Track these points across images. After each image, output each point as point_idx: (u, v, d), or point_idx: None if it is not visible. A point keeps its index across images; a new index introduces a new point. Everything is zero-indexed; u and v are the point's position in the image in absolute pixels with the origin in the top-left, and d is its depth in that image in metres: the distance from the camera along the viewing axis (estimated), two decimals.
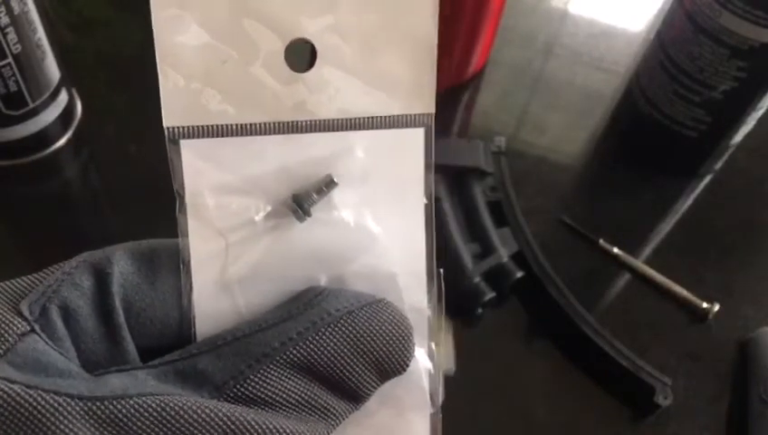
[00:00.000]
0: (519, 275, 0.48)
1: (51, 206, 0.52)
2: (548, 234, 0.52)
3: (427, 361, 0.21)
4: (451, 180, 0.51)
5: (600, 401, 0.47)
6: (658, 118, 0.56)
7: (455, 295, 0.47)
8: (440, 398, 0.21)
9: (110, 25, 0.64)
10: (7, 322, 0.17)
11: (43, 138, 0.52)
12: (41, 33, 0.47)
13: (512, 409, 0.47)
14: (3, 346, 0.17)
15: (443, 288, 0.21)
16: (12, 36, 0.45)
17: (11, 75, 0.46)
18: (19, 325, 0.17)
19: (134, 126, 0.56)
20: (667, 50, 0.53)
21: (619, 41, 0.68)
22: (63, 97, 0.52)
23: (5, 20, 0.44)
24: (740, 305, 0.52)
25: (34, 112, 0.50)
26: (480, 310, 0.48)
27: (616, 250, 0.52)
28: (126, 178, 0.53)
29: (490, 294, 0.47)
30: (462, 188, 0.51)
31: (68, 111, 0.53)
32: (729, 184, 0.59)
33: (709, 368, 0.49)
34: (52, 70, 0.50)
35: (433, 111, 0.20)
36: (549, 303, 0.48)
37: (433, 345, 0.21)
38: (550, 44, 0.67)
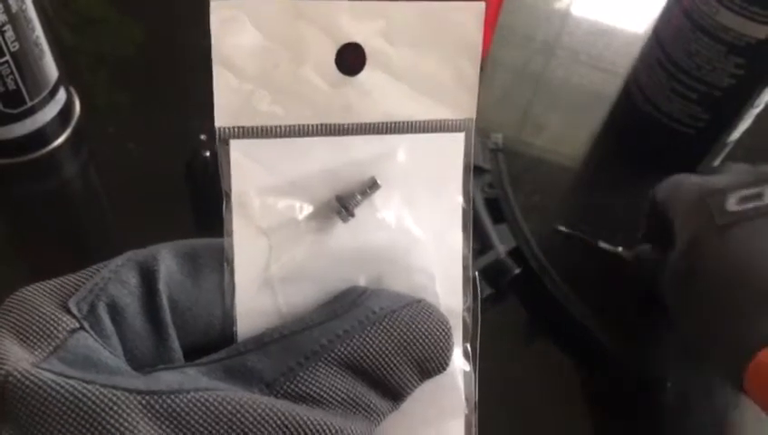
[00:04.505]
0: (517, 271, 0.48)
1: (49, 204, 0.52)
2: (546, 230, 0.52)
3: (462, 362, 0.21)
4: None
5: (599, 397, 0.47)
6: (656, 115, 0.56)
7: None
8: (474, 398, 0.21)
9: (110, 24, 0.64)
10: (57, 319, 0.17)
11: (42, 136, 0.52)
12: (39, 31, 0.48)
13: (509, 404, 0.46)
14: (53, 343, 0.17)
15: (479, 291, 0.21)
16: (10, 34, 0.45)
17: (9, 73, 0.46)
18: (68, 322, 0.17)
19: (133, 124, 0.57)
20: (665, 47, 0.53)
21: (619, 40, 0.68)
22: (62, 95, 0.52)
23: (3, 18, 0.44)
24: None
25: (32, 111, 0.50)
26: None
27: (620, 249, 0.51)
28: (124, 176, 0.53)
29: (488, 291, 0.47)
30: None
31: (66, 110, 0.53)
32: None
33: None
34: (51, 68, 0.50)
35: (474, 115, 0.21)
36: (547, 299, 0.48)
37: (468, 347, 0.21)
38: (549, 44, 0.67)
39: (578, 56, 0.66)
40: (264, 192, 0.20)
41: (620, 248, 0.51)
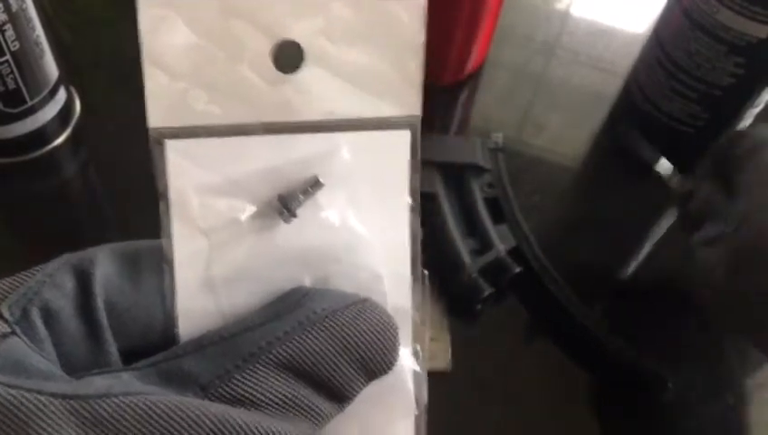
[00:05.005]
0: (517, 270, 0.48)
1: (49, 204, 0.52)
2: (546, 229, 0.52)
3: (411, 361, 0.21)
4: (448, 177, 0.51)
5: (600, 397, 0.47)
6: (656, 115, 0.56)
7: (453, 291, 0.47)
8: (425, 399, 0.21)
9: (110, 24, 0.64)
10: None
11: (42, 136, 0.52)
12: (39, 30, 0.48)
13: (510, 404, 0.46)
14: None
15: (428, 289, 0.21)
16: (10, 33, 0.45)
17: (9, 73, 0.46)
18: None
19: (132, 124, 0.56)
20: (665, 46, 0.53)
21: (619, 40, 0.68)
22: (62, 95, 0.52)
23: (3, 17, 0.44)
24: None
25: (32, 110, 0.50)
26: (479, 306, 0.47)
27: (675, 179, 0.47)
28: (124, 176, 0.53)
29: (488, 290, 0.47)
30: (459, 185, 0.51)
31: (66, 109, 0.53)
32: None
33: (710, 365, 0.48)
34: (51, 68, 0.50)
35: (419, 112, 0.20)
36: (547, 298, 0.48)
37: (418, 347, 0.21)
38: (549, 44, 0.67)
39: (578, 56, 0.66)
40: (203, 192, 0.19)
41: (675, 179, 0.47)
